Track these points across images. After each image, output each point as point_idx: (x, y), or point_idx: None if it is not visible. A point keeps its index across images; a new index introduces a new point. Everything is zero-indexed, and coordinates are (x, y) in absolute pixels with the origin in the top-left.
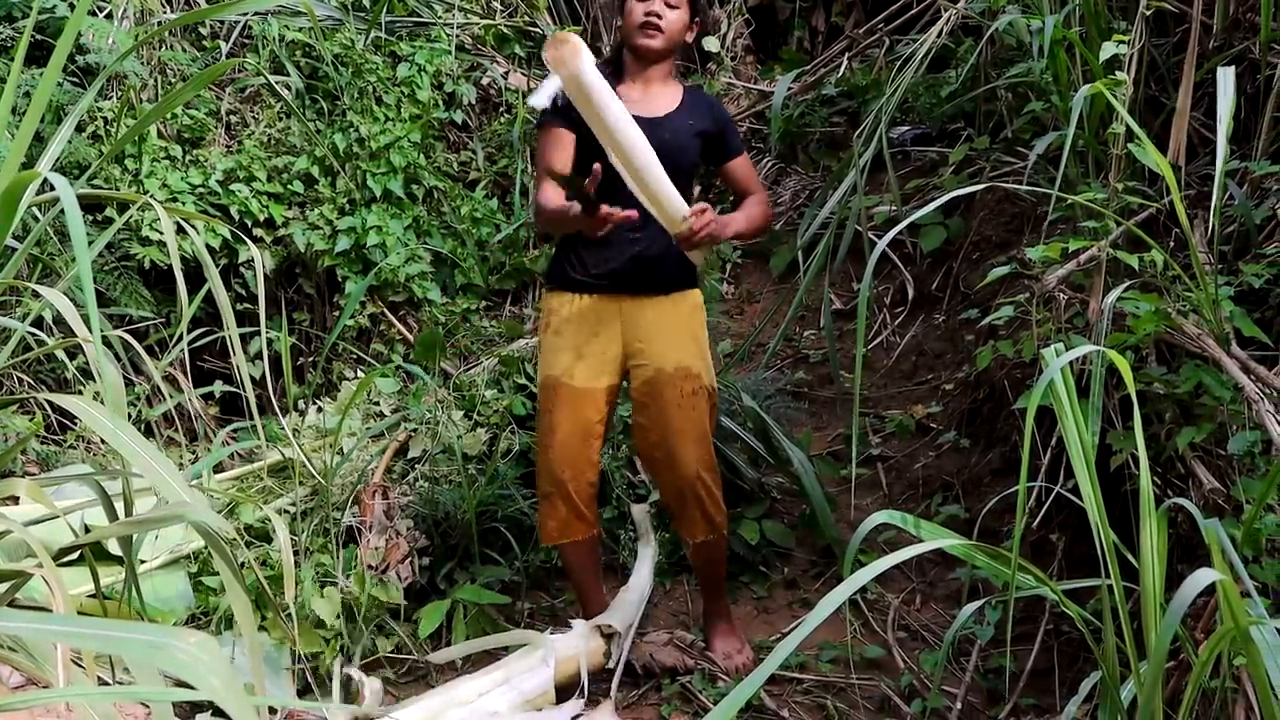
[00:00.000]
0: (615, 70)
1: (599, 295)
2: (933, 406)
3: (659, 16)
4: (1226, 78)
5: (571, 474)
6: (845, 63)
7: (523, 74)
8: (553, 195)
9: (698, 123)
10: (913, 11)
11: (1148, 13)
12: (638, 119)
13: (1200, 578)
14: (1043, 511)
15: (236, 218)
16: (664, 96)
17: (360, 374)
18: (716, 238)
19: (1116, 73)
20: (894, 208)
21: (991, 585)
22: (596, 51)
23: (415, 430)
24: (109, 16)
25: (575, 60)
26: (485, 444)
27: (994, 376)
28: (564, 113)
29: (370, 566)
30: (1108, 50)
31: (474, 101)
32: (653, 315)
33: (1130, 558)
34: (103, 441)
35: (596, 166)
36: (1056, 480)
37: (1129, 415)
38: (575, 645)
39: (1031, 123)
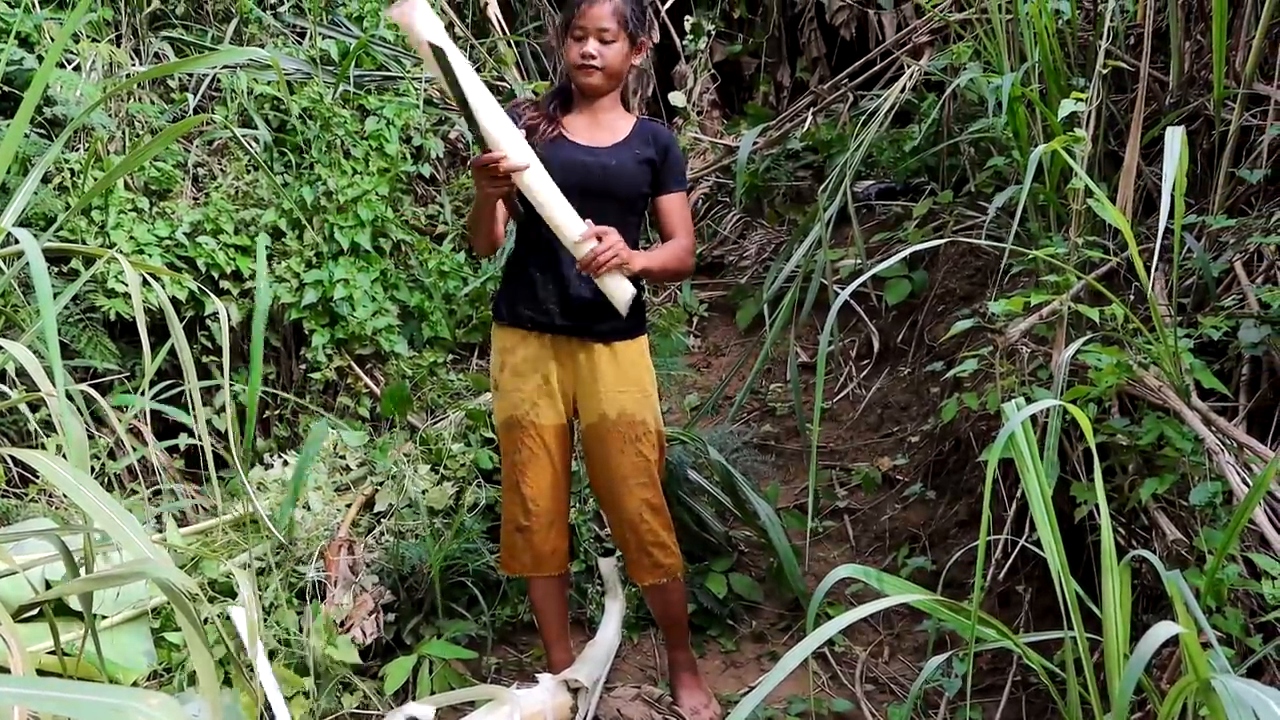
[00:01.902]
0: (564, 103)
1: (546, 335)
2: (899, 459)
3: (594, 56)
4: (1174, 137)
5: (547, 508)
6: (810, 118)
7: None
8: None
9: (644, 151)
10: (876, 68)
11: (1104, 71)
12: (584, 148)
13: (1160, 631)
14: (1009, 563)
15: (203, 270)
16: (612, 127)
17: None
18: (623, 264)
19: (1075, 129)
20: (859, 261)
21: (959, 637)
22: None
23: (381, 484)
24: (77, 69)
25: (408, 17)
26: (451, 498)
27: (959, 429)
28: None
29: (337, 623)
30: (1066, 107)
31: (442, 155)
32: (595, 363)
33: (1095, 609)
34: (65, 495)
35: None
36: (1022, 532)
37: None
38: (542, 700)
39: (994, 177)
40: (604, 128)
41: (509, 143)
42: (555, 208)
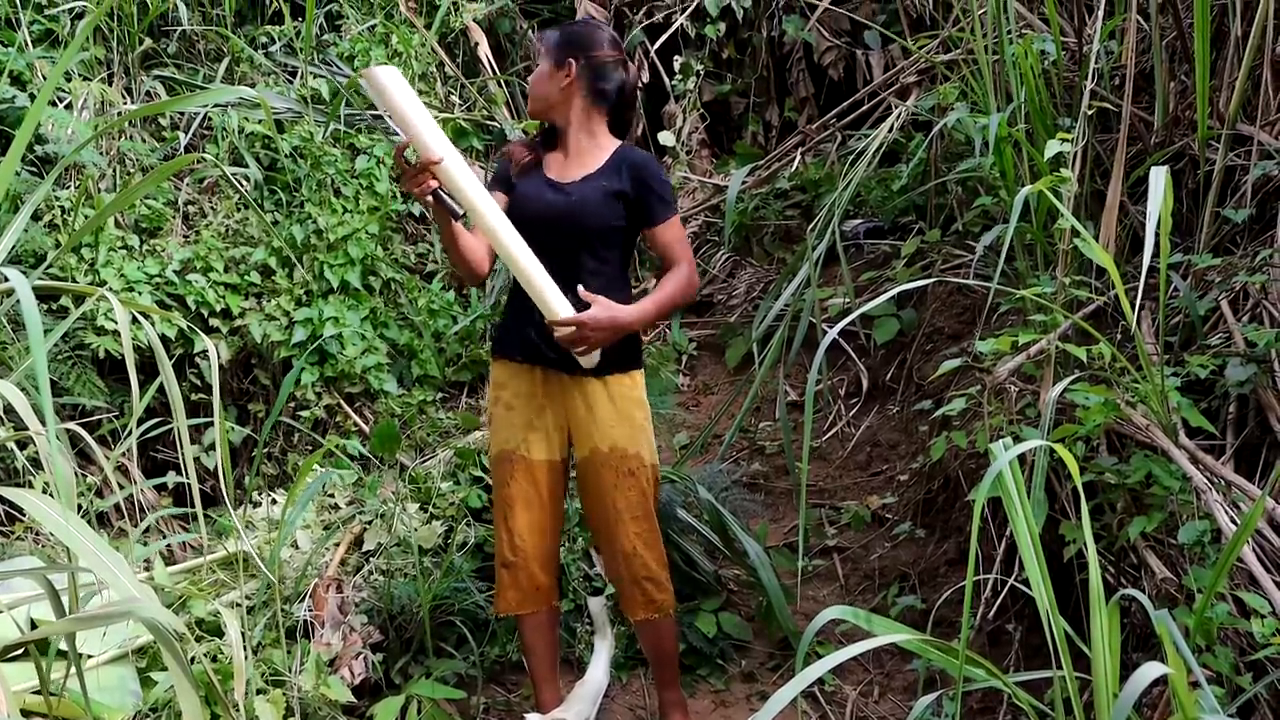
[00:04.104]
0: (547, 139)
1: (538, 369)
2: (888, 497)
3: (529, 84)
4: (1158, 177)
5: (534, 543)
6: (799, 157)
7: (481, 167)
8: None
9: (613, 184)
10: (864, 108)
11: (1090, 112)
12: (551, 183)
13: (1148, 671)
14: (998, 601)
15: (193, 308)
16: (585, 160)
17: (317, 467)
18: (598, 341)
19: (1061, 169)
20: (847, 300)
21: (949, 676)
22: None
23: (370, 523)
24: (69, 107)
25: (368, 83)
26: (441, 537)
27: (948, 467)
28: (503, 181)
29: (326, 663)
30: (1052, 148)
31: None
32: (587, 397)
33: (1085, 648)
34: (52, 534)
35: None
36: (1012, 570)
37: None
38: None
39: (981, 216)
40: (576, 161)
41: (437, 144)
42: (532, 277)
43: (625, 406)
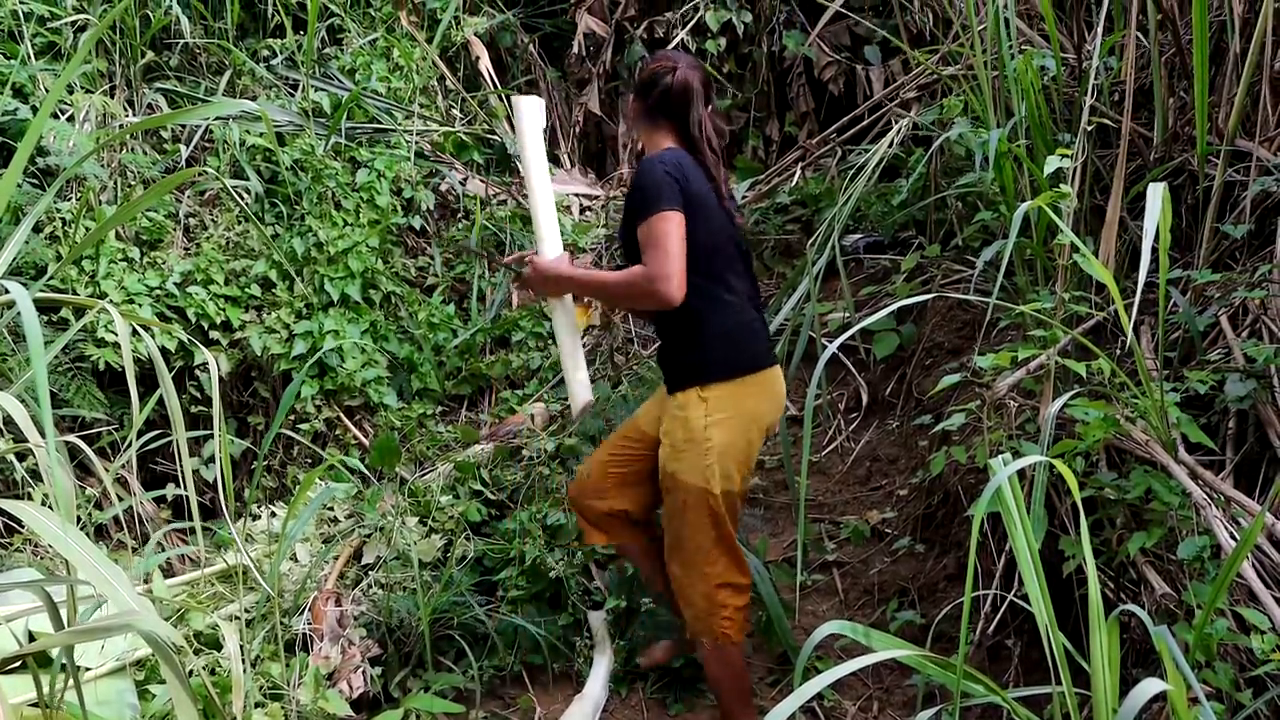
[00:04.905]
0: None
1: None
2: (887, 512)
3: None
4: (1155, 194)
5: (594, 485)
6: (799, 172)
7: (481, 180)
8: None
9: (625, 195)
10: (865, 123)
11: (1089, 127)
12: None
13: (1147, 687)
14: (998, 617)
15: (193, 320)
16: None
17: (317, 480)
18: (537, 287)
19: (1061, 185)
20: (847, 314)
21: (949, 691)
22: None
23: (369, 536)
24: (71, 119)
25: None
26: (440, 550)
27: (948, 482)
28: None
29: (324, 677)
30: (1052, 163)
31: (432, 207)
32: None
33: (1085, 663)
34: (51, 546)
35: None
36: (1011, 585)
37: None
38: None
39: (981, 231)
40: None
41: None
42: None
43: (669, 425)
